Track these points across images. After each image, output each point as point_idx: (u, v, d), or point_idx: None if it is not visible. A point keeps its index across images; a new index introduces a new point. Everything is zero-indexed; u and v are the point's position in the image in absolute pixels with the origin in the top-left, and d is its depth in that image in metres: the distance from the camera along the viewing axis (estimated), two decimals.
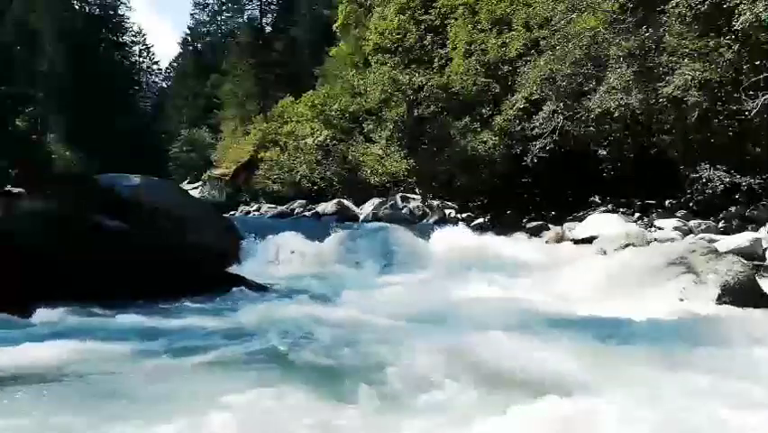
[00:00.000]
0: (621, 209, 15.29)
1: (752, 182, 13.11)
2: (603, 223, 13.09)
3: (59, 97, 41.18)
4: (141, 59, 55.44)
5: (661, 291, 7.27)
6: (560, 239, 12.99)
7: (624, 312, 6.77)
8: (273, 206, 26.83)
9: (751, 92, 12.59)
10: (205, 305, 7.24)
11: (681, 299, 7.12)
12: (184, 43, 59.44)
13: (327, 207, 21.99)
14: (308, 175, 25.80)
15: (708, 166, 13.47)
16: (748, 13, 11.69)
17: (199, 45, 58.17)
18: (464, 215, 18.66)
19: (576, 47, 15.10)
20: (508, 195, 18.32)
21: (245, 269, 9.43)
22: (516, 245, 12.08)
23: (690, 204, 14.35)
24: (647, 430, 3.42)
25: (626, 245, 10.92)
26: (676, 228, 12.73)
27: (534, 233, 14.64)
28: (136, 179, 8.63)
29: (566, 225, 14.41)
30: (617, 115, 14.69)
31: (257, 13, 50.92)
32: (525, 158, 16.74)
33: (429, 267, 10.50)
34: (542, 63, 15.99)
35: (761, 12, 11.52)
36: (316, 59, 35.63)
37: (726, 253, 8.58)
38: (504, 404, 3.74)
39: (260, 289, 8.46)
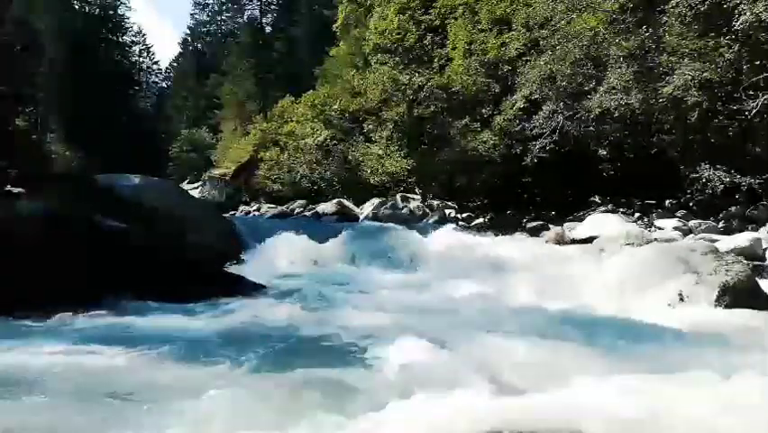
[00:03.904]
0: (621, 209, 15.27)
1: (752, 182, 13.10)
2: (603, 223, 13.08)
3: (59, 97, 41.14)
4: (141, 60, 55.43)
5: (660, 292, 7.27)
6: (560, 239, 12.97)
7: (623, 312, 6.78)
8: (273, 206, 26.77)
9: (751, 92, 12.59)
10: (204, 305, 7.23)
11: (681, 300, 7.12)
12: (184, 43, 59.52)
13: (327, 207, 21.93)
14: (308, 175, 25.76)
15: (708, 166, 13.46)
16: (748, 13, 11.68)
17: (199, 45, 58.18)
18: (464, 215, 18.63)
19: (576, 47, 15.10)
20: (508, 195, 18.31)
21: (245, 269, 9.43)
22: (516, 245, 12.06)
23: (690, 204, 14.34)
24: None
25: (626, 245, 10.91)
26: (676, 228, 12.73)
27: (534, 233, 14.62)
28: (136, 179, 8.66)
29: (566, 225, 14.39)
30: (617, 114, 14.68)
31: (257, 13, 51.01)
32: (525, 158, 16.74)
33: (429, 267, 10.49)
34: (542, 63, 15.99)
35: (761, 12, 11.51)
36: (316, 59, 35.63)
37: (726, 253, 8.58)
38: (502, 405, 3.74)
39: (260, 289, 8.45)
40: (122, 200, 7.97)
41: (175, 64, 60.55)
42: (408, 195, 21.02)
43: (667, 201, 14.95)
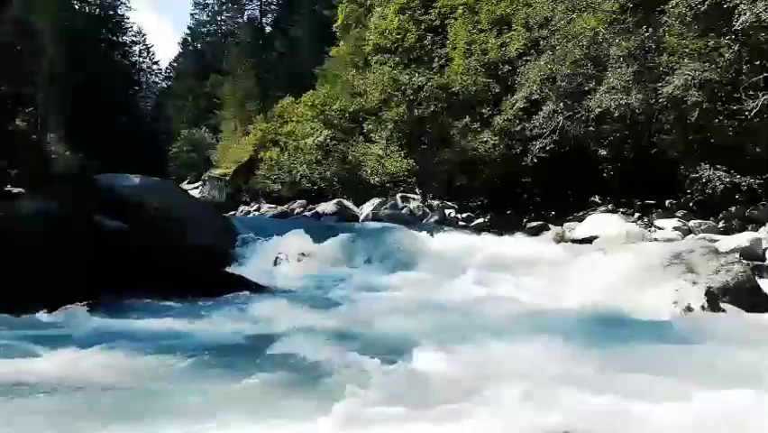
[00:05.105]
0: (621, 209, 15.26)
1: (752, 182, 13.09)
2: (603, 223, 13.08)
3: (59, 97, 41.07)
4: (141, 59, 55.28)
5: (660, 291, 7.26)
6: (560, 239, 12.98)
7: (623, 312, 6.78)
8: (273, 206, 26.79)
9: (751, 92, 12.59)
10: (204, 305, 7.24)
11: (681, 300, 7.11)
12: (184, 43, 59.40)
13: (327, 207, 21.92)
14: (308, 175, 25.76)
15: (708, 166, 13.45)
16: (748, 13, 11.68)
17: (199, 45, 58.11)
18: (464, 215, 18.63)
19: (576, 47, 15.09)
20: (508, 195, 18.30)
21: (245, 269, 9.43)
22: (516, 246, 12.06)
23: (690, 204, 14.32)
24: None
25: (626, 245, 10.90)
26: (676, 228, 12.72)
27: (534, 233, 14.62)
28: (136, 179, 8.66)
29: (566, 225, 14.39)
30: (617, 114, 14.67)
31: (257, 13, 50.99)
32: (525, 158, 16.73)
33: (429, 268, 10.48)
34: (542, 63, 15.98)
35: (761, 12, 11.51)
36: (316, 59, 35.59)
37: (726, 253, 8.58)
38: (502, 406, 3.74)
39: (260, 289, 8.45)
40: (122, 200, 7.96)
41: (175, 64, 60.45)
42: (408, 195, 21.02)
43: (667, 201, 14.93)
